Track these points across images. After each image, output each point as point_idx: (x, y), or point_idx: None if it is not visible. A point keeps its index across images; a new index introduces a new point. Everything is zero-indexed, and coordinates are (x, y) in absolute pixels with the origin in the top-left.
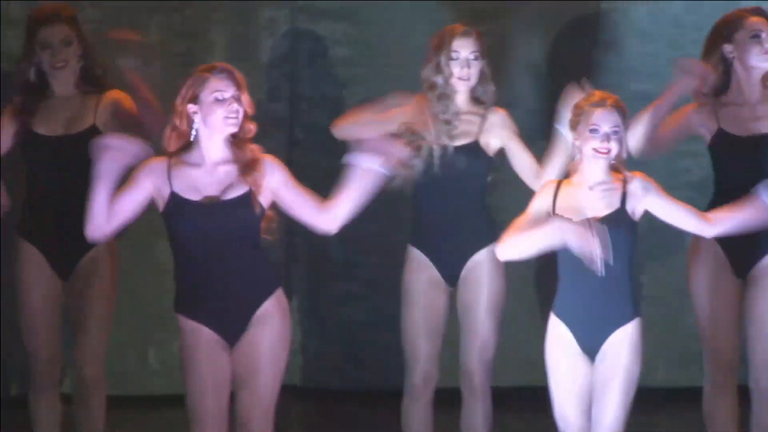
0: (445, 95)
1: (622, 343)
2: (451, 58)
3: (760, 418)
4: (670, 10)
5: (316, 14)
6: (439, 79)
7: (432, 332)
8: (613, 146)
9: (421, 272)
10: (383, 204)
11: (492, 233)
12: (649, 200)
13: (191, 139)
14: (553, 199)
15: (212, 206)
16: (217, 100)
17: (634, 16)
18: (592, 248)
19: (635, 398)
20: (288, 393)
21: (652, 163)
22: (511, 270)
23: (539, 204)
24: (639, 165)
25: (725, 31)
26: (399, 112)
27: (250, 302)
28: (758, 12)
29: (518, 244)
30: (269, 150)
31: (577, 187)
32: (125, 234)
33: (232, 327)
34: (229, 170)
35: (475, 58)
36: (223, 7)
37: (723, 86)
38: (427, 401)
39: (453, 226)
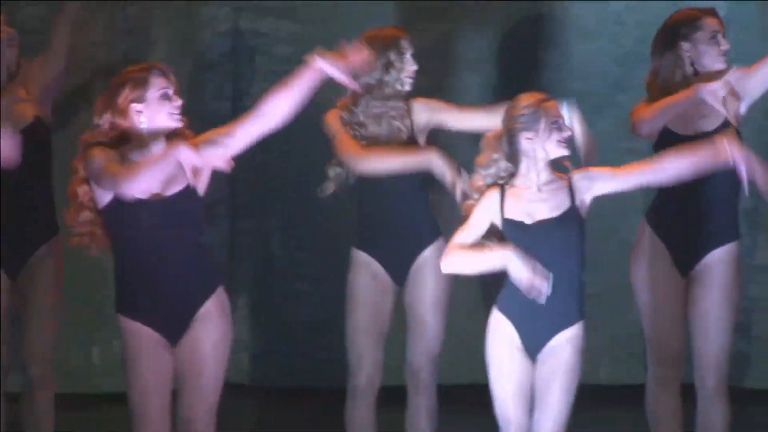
0: (396, 93)
1: (566, 344)
2: (404, 55)
3: (705, 417)
4: (613, 8)
5: (258, 12)
6: (391, 77)
7: (377, 335)
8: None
9: (366, 274)
10: (330, 202)
11: (437, 230)
12: (597, 186)
13: (137, 134)
14: (500, 206)
15: (154, 203)
16: (163, 97)
17: (576, 15)
18: (534, 284)
19: (580, 396)
20: (236, 391)
21: (594, 162)
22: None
23: (483, 212)
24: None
25: (683, 29)
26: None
27: (192, 301)
28: (714, 13)
29: (462, 263)
30: None
31: (524, 190)
32: (71, 231)
33: (174, 326)
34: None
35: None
36: (166, 5)
37: (672, 84)
38: (371, 402)
39: (398, 225)
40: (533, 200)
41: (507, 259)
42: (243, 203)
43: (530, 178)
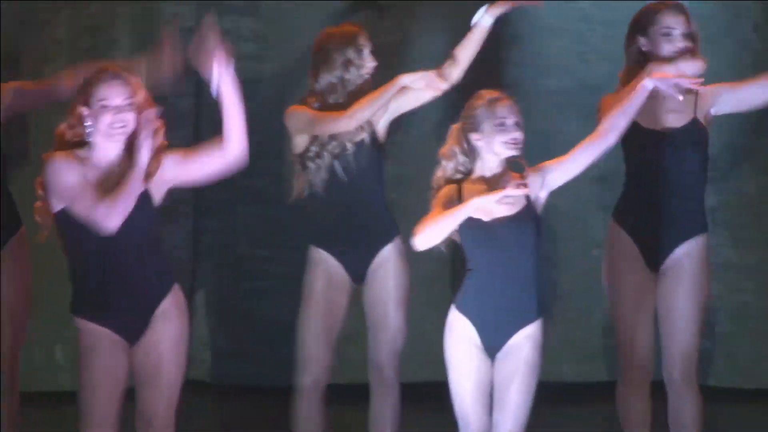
0: (355, 91)
1: (525, 342)
2: (362, 52)
3: (676, 411)
4: (578, 5)
5: (221, 10)
6: (352, 75)
7: (328, 334)
8: (520, 137)
9: (323, 273)
10: (294, 200)
11: (395, 228)
12: (549, 178)
13: (87, 139)
14: (458, 202)
15: None
16: (103, 108)
17: (541, 12)
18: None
19: (541, 393)
20: (198, 390)
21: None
22: (421, 265)
23: (443, 205)
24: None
25: (641, 23)
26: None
27: (149, 301)
28: (674, 8)
29: (434, 231)
30: (175, 145)
31: (480, 187)
32: (33, 230)
33: (133, 326)
34: (123, 172)
35: (371, 52)
36: (129, 3)
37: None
38: (318, 400)
39: (357, 223)
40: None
41: (473, 204)
42: (207, 202)
43: (485, 175)
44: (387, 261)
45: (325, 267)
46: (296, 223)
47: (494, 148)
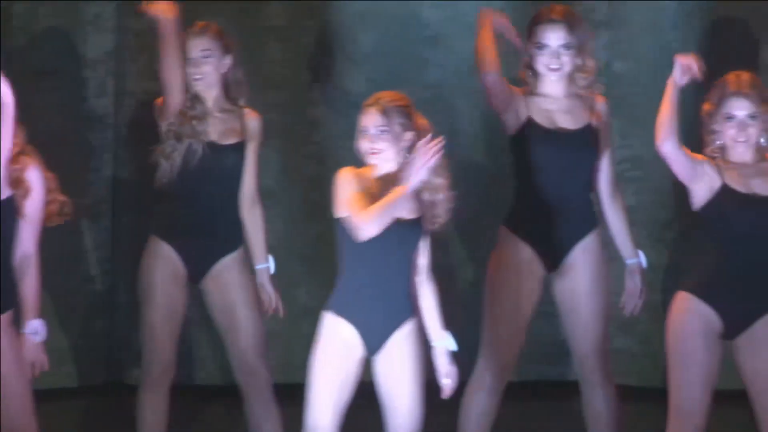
0: (191, 93)
1: (406, 342)
2: (187, 57)
3: (593, 407)
4: (496, 5)
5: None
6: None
7: (171, 327)
8: (379, 146)
9: (165, 267)
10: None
11: (241, 235)
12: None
13: None
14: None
15: None
16: None
17: (461, 11)
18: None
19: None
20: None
21: None
22: (286, 269)
23: (358, 186)
24: None
25: (528, 30)
26: None
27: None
28: (552, 21)
29: (379, 216)
30: (94, 146)
31: (371, 180)
32: None
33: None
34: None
35: (207, 57)
36: (51, 3)
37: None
38: (165, 393)
39: (207, 224)
40: (385, 192)
41: (405, 188)
42: (124, 202)
43: (377, 170)
44: (231, 268)
45: (167, 261)
46: None
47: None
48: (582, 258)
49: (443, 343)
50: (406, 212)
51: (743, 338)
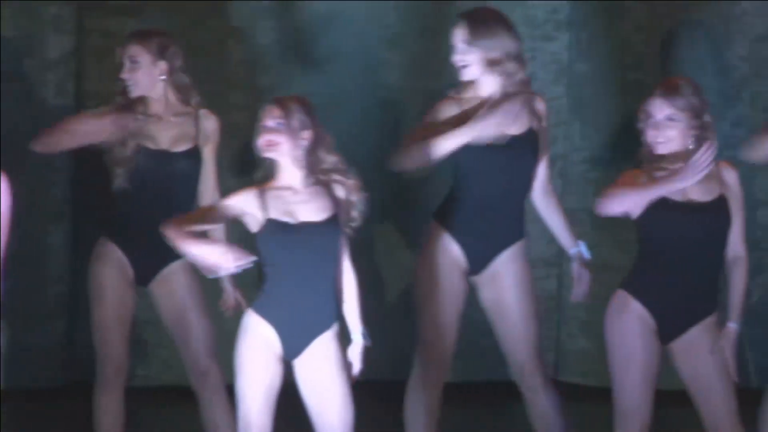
0: (126, 96)
1: (329, 347)
2: (122, 64)
3: (536, 408)
4: (454, 6)
5: (104, 11)
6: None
7: (123, 328)
8: (275, 139)
9: (113, 268)
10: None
11: None
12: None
13: None
14: (261, 204)
15: None
16: None
17: (418, 13)
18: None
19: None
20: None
21: None
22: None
23: (237, 202)
24: None
25: None
26: None
27: None
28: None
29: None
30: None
31: (284, 190)
32: None
33: None
34: None
35: (135, 63)
36: (11, 4)
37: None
38: (119, 394)
39: (157, 229)
40: (295, 201)
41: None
42: (86, 203)
43: (285, 178)
44: (177, 275)
45: (116, 262)
46: None
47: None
48: (506, 266)
49: (357, 337)
50: (319, 214)
51: (678, 343)
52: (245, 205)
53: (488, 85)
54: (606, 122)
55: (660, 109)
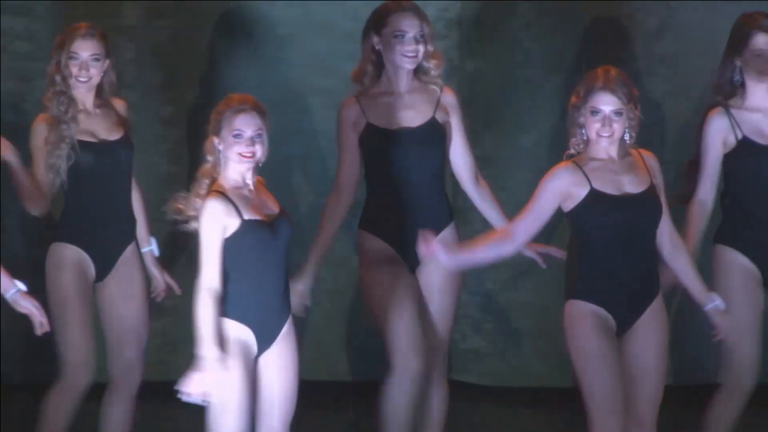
0: (62, 93)
1: (288, 337)
2: (71, 58)
3: (425, 402)
4: (350, 4)
5: None
6: (58, 78)
7: (88, 326)
8: (258, 150)
9: (73, 268)
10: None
11: (134, 229)
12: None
13: None
14: (235, 209)
15: None
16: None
17: (311, 11)
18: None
19: (318, 392)
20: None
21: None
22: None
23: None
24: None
25: (376, 22)
26: None
27: None
28: (407, 10)
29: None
30: None
31: (241, 190)
32: None
33: None
34: None
35: (96, 60)
36: None
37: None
38: (80, 395)
39: (106, 220)
40: (254, 204)
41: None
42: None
43: (237, 180)
44: (130, 260)
45: (75, 263)
46: None
47: (229, 156)
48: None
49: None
50: (275, 211)
51: (630, 332)
52: (223, 215)
53: (404, 80)
54: (496, 120)
55: (606, 103)
